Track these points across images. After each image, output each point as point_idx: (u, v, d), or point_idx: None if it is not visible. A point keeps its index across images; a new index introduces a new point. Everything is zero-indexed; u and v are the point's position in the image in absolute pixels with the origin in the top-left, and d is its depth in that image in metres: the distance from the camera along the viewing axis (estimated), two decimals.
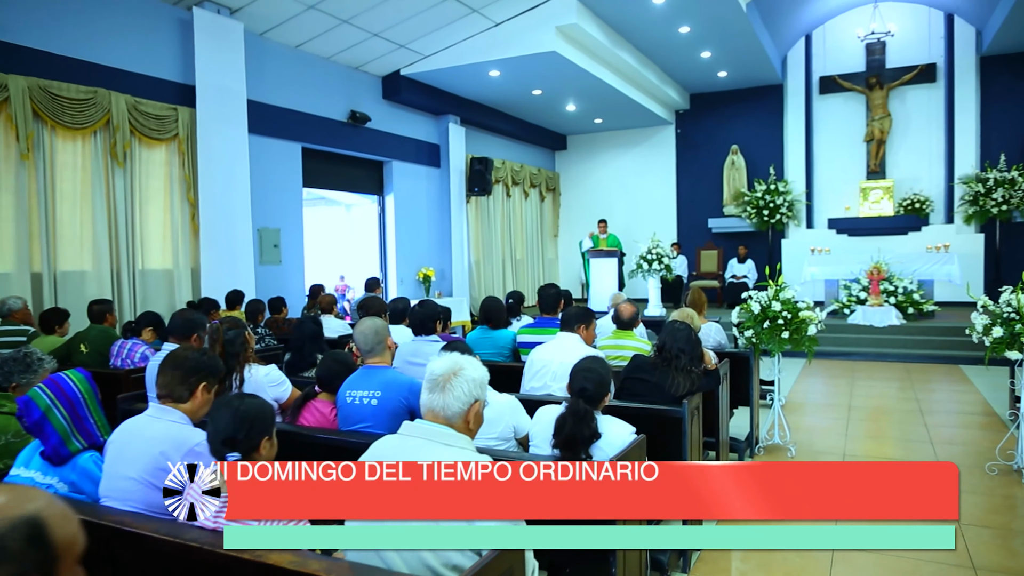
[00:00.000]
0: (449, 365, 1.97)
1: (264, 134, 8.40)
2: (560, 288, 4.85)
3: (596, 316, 3.93)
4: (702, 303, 5.29)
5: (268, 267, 8.53)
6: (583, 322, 3.76)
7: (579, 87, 11.32)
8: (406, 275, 11.01)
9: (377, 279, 7.97)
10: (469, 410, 1.93)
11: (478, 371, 2.00)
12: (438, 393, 1.91)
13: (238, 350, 3.27)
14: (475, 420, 1.96)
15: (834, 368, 8.78)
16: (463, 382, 1.93)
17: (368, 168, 10.60)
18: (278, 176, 8.70)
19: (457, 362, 1.99)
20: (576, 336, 3.73)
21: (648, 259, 11.15)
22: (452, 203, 11.67)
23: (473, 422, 1.96)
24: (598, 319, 5.56)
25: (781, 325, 4.84)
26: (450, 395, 1.91)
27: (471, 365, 2.01)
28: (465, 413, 1.92)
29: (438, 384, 1.93)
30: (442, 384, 1.93)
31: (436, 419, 1.92)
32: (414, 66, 10.19)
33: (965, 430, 5.80)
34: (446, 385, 1.92)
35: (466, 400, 1.92)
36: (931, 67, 12.56)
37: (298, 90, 8.95)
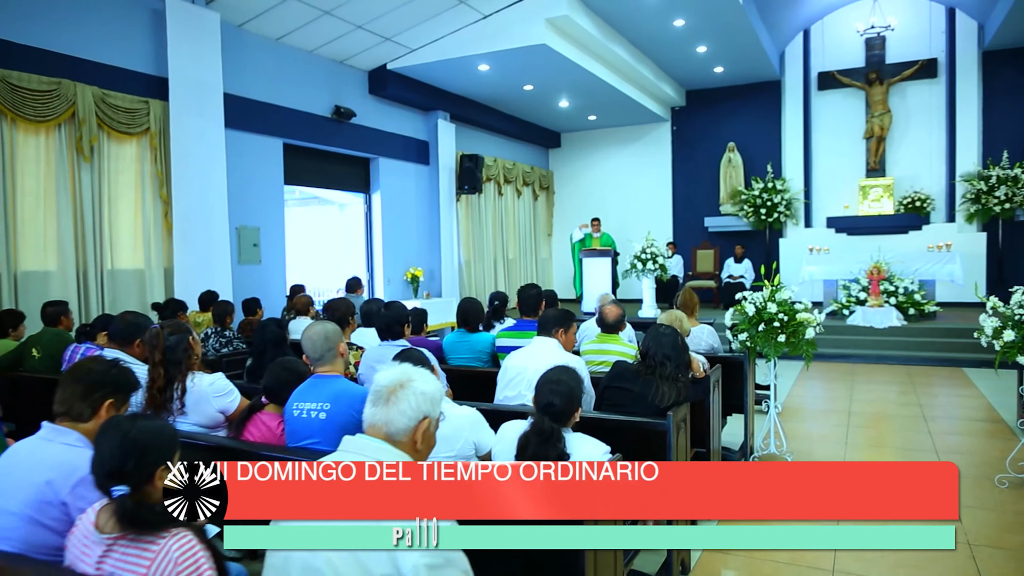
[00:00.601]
0: (397, 376, 1.76)
1: (243, 129, 8.11)
2: (541, 288, 4.56)
3: (577, 319, 3.64)
4: (694, 305, 5.01)
5: (247, 267, 8.23)
6: (562, 325, 3.47)
7: (571, 82, 11.03)
8: (393, 275, 10.71)
9: (358, 279, 7.68)
10: (416, 428, 1.71)
11: (430, 384, 1.78)
12: (381, 406, 1.72)
13: (180, 357, 2.98)
14: (424, 440, 1.74)
15: (833, 371, 8.50)
16: (411, 395, 1.72)
17: (354, 165, 10.30)
18: (258, 173, 8.40)
19: (406, 373, 1.78)
20: (554, 341, 3.44)
21: (642, 259, 10.86)
22: (442, 201, 11.38)
23: (421, 441, 1.73)
24: (587, 320, 5.29)
25: (777, 328, 4.56)
26: (395, 409, 1.70)
27: (422, 377, 1.79)
28: (411, 431, 1.71)
29: (382, 396, 1.73)
30: (387, 396, 1.72)
31: (377, 434, 1.70)
32: (401, 60, 9.89)
33: (971, 438, 5.51)
34: (391, 398, 1.72)
35: (413, 416, 1.71)
36: (932, 62, 12.28)
37: (279, 84, 8.65)
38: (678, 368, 3.06)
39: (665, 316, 4.04)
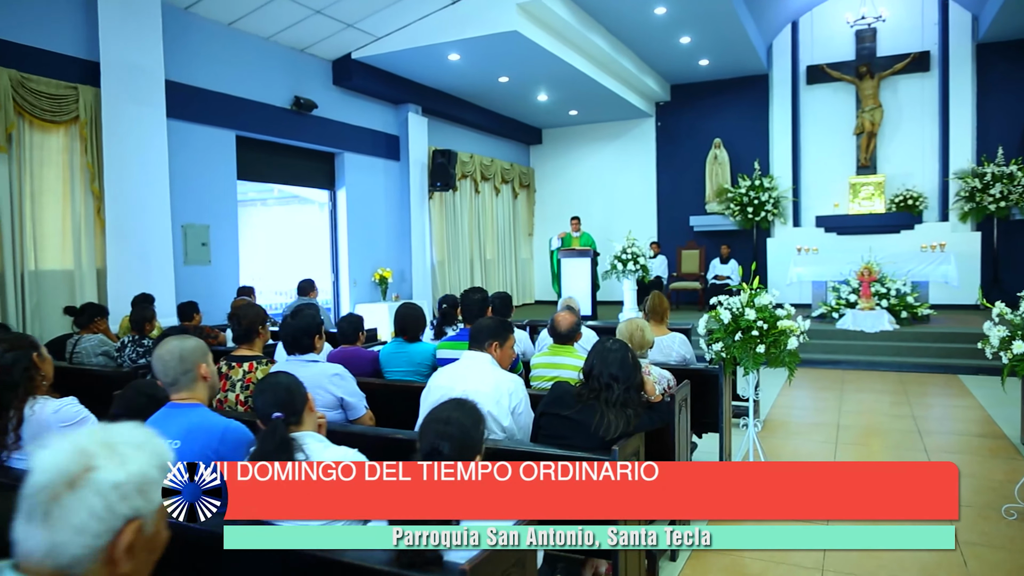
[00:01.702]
0: (63, 463, 0.99)
1: (189, 120, 7.54)
2: (488, 292, 4.01)
3: (513, 329, 3.10)
4: (663, 311, 4.49)
5: (195, 268, 7.66)
6: (496, 337, 2.93)
7: (548, 74, 10.50)
8: (360, 276, 10.15)
9: (311, 281, 7.11)
10: (113, 545, 0.99)
11: (136, 464, 1.03)
12: (37, 524, 0.97)
13: (16, 380, 2.43)
14: (138, 556, 1.01)
15: (821, 378, 8.00)
16: (90, 498, 0.98)
17: (317, 160, 9.73)
18: (207, 167, 7.83)
19: (84, 454, 1.00)
20: (486, 357, 2.89)
21: (623, 259, 10.36)
22: (412, 199, 10.83)
23: (129, 561, 1.00)
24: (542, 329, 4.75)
25: (756, 337, 4.03)
26: (60, 527, 0.96)
27: (117, 457, 1.02)
28: (103, 552, 0.98)
29: (36, 507, 0.97)
30: (43, 506, 0.97)
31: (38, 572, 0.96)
32: (366, 49, 9.34)
33: (971, 457, 5.00)
34: (51, 507, 0.97)
35: (99, 531, 0.98)
36: (925, 55, 11.82)
37: (232, 72, 8.08)
38: (628, 391, 2.53)
39: (624, 325, 3.51)
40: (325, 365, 3.12)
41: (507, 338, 2.97)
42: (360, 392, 3.18)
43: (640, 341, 3.45)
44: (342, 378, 3.10)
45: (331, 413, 3.07)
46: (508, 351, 2.97)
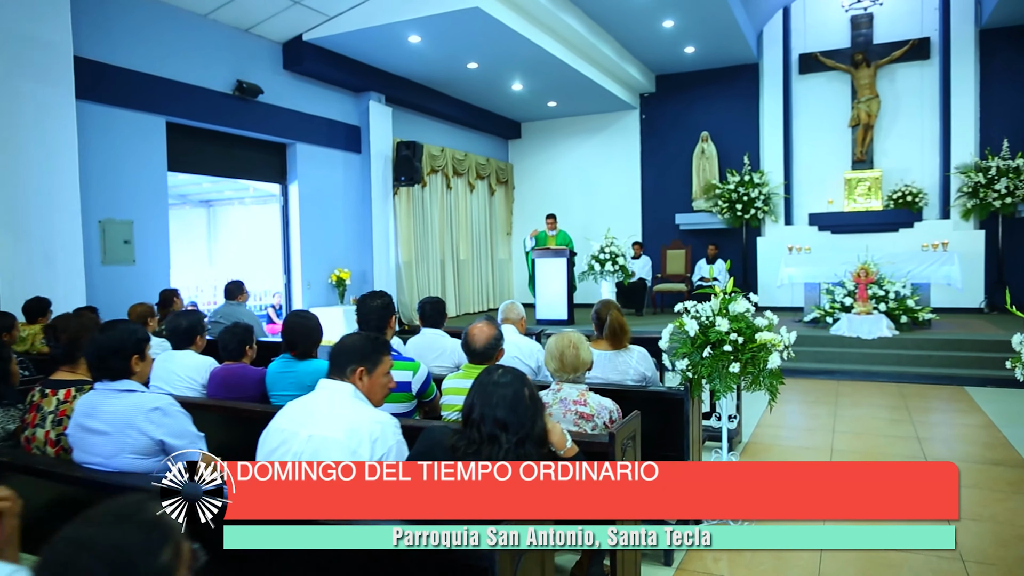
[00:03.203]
0: None
1: (108, 103, 6.75)
2: (387, 300, 3.20)
3: (389, 351, 2.31)
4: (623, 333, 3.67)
5: (115, 268, 6.86)
6: (363, 362, 2.14)
7: (520, 60, 9.73)
8: (315, 278, 9.36)
9: (240, 283, 6.31)
10: None
11: None
12: None
13: None
14: None
15: (814, 390, 7.24)
16: None
17: (265, 151, 8.93)
18: (131, 156, 7.03)
19: None
20: (346, 388, 2.11)
21: (600, 259, 9.59)
22: (374, 194, 10.04)
23: None
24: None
25: (730, 353, 3.26)
26: None
27: None
28: None
29: None
30: None
31: None
32: (318, 30, 8.54)
33: (992, 494, 4.23)
34: None
35: None
36: (924, 42, 11.08)
37: (162, 52, 7.28)
38: (523, 445, 1.75)
39: (554, 341, 2.73)
40: (143, 397, 2.34)
41: (378, 361, 2.18)
42: (195, 432, 2.40)
43: (573, 362, 2.67)
44: (165, 414, 2.31)
45: (146, 461, 2.28)
46: (380, 379, 2.19)
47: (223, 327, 3.62)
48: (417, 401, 3.13)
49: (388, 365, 2.23)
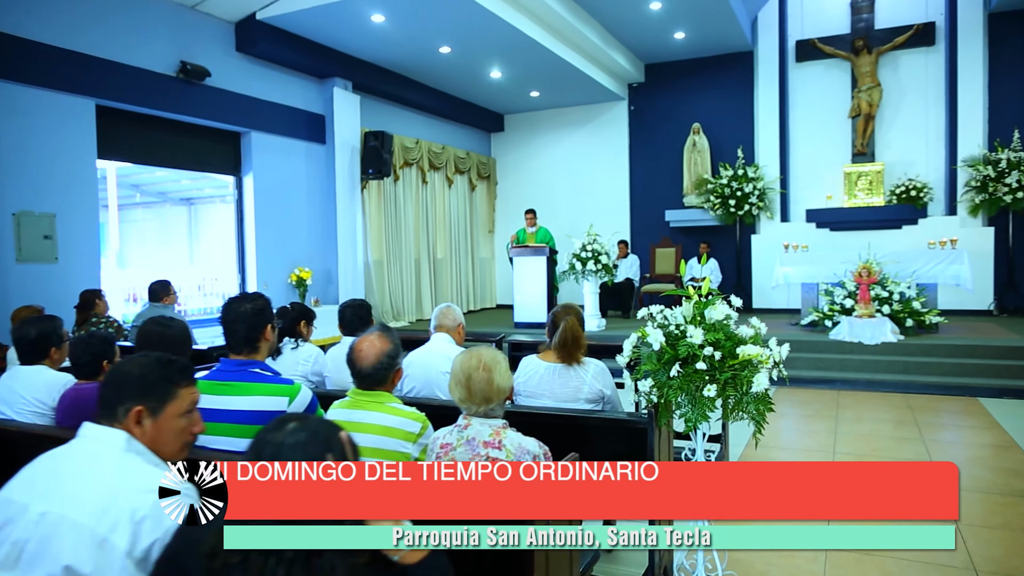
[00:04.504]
0: None
1: (24, 82, 6.04)
2: (262, 303, 2.49)
3: (191, 378, 1.60)
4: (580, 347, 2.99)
5: (33, 267, 6.15)
6: (143, 398, 1.43)
7: (496, 44, 9.03)
8: (272, 277, 8.66)
9: (166, 284, 5.59)
10: None
11: None
12: None
13: None
14: None
15: (811, 402, 6.55)
16: None
17: (215, 140, 8.22)
18: (52, 142, 6.32)
19: None
20: (116, 437, 1.41)
21: (582, 257, 8.89)
22: (339, 187, 9.33)
23: None
24: (419, 350, 3.29)
25: (704, 372, 2.56)
26: None
27: None
28: None
29: None
30: None
31: None
32: (272, 8, 7.85)
33: (1017, 535, 3.53)
34: None
35: None
36: (929, 27, 10.40)
37: (90, 26, 6.58)
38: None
39: (461, 361, 2.02)
40: None
41: (169, 395, 1.48)
42: None
43: (484, 390, 1.97)
44: None
45: None
46: (172, 423, 1.48)
47: (78, 339, 2.91)
48: None
49: (188, 401, 1.53)
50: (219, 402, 2.34)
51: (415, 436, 2.14)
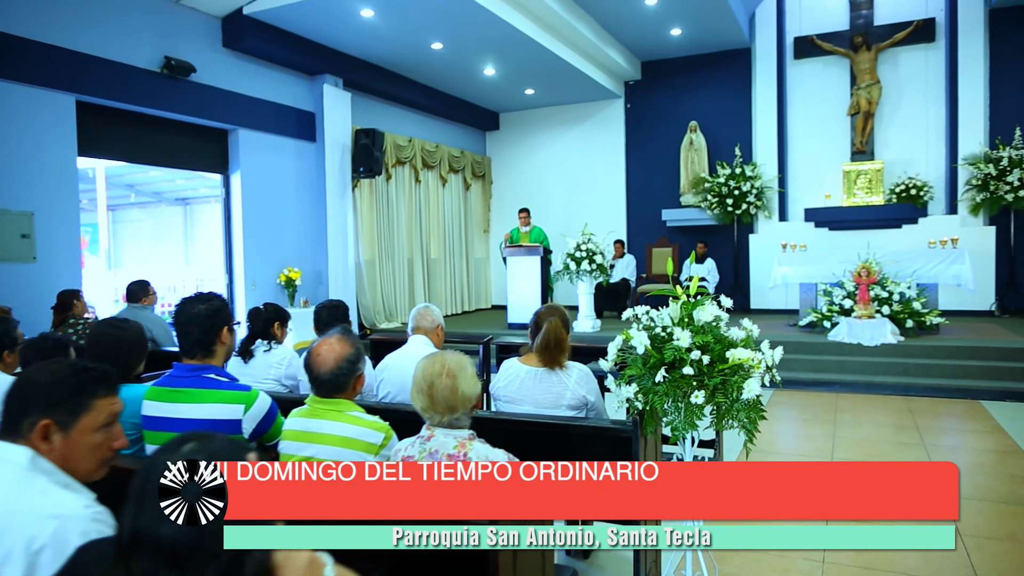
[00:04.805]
0: None
1: (0, 76, 5.88)
2: (217, 304, 2.32)
3: (112, 388, 1.45)
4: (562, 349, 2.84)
5: (10, 266, 5.99)
6: (51, 411, 1.27)
7: (489, 40, 8.88)
8: (261, 278, 8.49)
9: (145, 284, 5.44)
10: None
11: None
12: None
13: None
14: None
15: (809, 405, 6.39)
16: None
17: (202, 137, 8.06)
18: (30, 138, 6.16)
19: None
20: (19, 455, 1.25)
21: (577, 257, 8.73)
22: (330, 186, 9.17)
23: None
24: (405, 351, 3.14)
25: (692, 377, 2.40)
26: None
27: None
28: None
29: None
30: None
31: None
32: (259, 2, 7.69)
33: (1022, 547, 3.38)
34: None
35: None
36: (929, 23, 10.25)
37: (70, 20, 6.42)
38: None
39: (423, 367, 1.86)
40: None
41: (82, 407, 1.32)
42: None
43: (447, 398, 1.81)
44: None
45: None
46: (86, 438, 1.32)
47: (29, 342, 2.75)
48: (257, 446, 2.27)
49: (106, 413, 1.37)
50: (169, 410, 2.18)
51: (377, 447, 1.99)
